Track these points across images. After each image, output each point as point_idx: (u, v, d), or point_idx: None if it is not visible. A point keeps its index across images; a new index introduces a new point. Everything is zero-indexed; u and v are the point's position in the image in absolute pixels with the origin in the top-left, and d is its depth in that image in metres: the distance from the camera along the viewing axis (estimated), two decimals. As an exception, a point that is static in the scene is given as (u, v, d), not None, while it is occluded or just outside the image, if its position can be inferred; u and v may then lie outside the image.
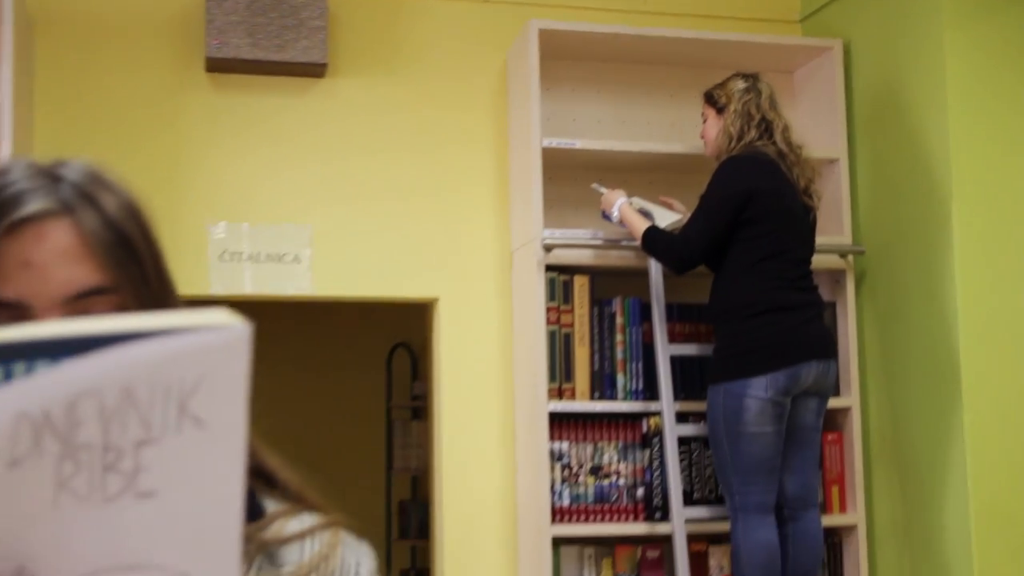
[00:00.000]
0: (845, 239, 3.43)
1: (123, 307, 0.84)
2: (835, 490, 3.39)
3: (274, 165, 3.36)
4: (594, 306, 3.30)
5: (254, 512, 0.92)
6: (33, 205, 0.82)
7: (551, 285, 3.25)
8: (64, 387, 0.53)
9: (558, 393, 3.23)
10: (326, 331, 5.41)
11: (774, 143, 3.02)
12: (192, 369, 0.55)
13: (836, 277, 3.46)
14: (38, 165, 0.87)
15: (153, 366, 0.55)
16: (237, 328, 0.57)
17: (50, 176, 0.85)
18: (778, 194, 2.98)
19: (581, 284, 3.29)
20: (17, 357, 0.54)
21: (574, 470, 3.24)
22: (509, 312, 3.47)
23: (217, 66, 3.30)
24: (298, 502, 0.97)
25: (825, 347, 2.99)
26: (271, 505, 0.95)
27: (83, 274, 0.82)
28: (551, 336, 3.23)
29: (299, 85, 3.40)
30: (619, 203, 3.20)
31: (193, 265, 3.23)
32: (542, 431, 3.16)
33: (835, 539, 3.39)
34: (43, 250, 0.82)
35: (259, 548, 0.91)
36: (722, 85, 3.11)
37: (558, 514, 3.20)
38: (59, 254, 0.82)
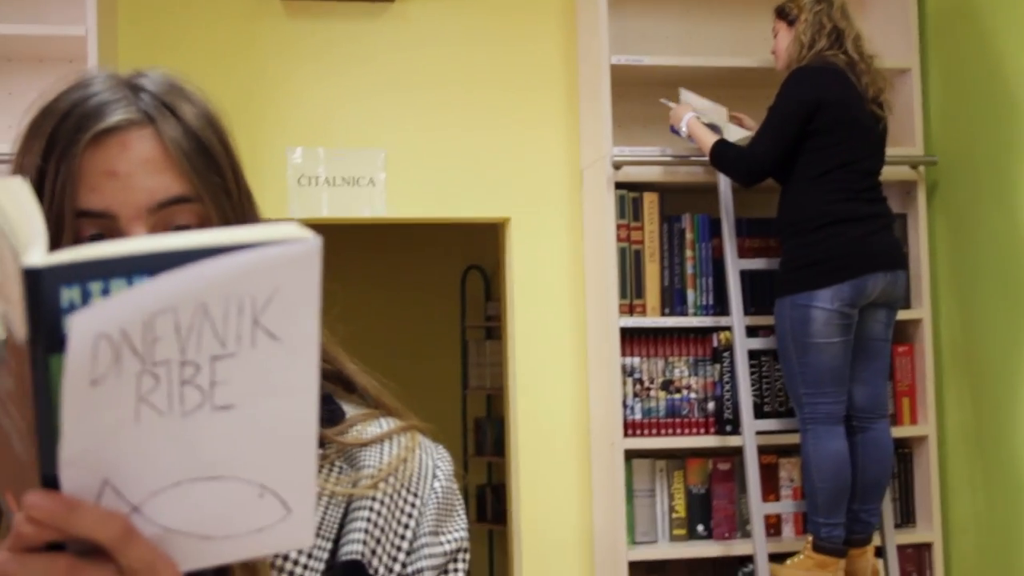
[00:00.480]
0: (916, 150, 3.40)
1: (205, 216, 0.85)
2: (905, 402, 3.41)
3: (348, 90, 3.42)
4: (663, 223, 3.33)
5: (334, 416, 0.96)
6: (116, 116, 0.83)
7: (621, 202, 3.28)
8: (140, 306, 0.54)
9: (629, 309, 3.28)
10: (402, 255, 5.52)
11: (845, 52, 2.99)
12: (264, 283, 0.56)
13: (907, 189, 3.44)
14: (118, 76, 0.88)
15: (226, 281, 0.55)
16: (308, 241, 0.57)
17: (130, 87, 0.87)
18: (846, 104, 2.96)
19: (651, 201, 3.31)
20: (93, 277, 0.55)
21: (646, 385, 3.31)
22: (579, 230, 3.52)
23: (292, -8, 3.37)
24: (377, 407, 1.00)
25: (892, 258, 2.98)
26: (350, 410, 0.98)
27: (166, 183, 0.83)
28: (621, 253, 3.28)
29: (371, 10, 3.44)
30: (687, 117, 3.21)
31: (272, 190, 3.33)
32: (614, 347, 3.22)
33: (905, 450, 3.42)
34: (127, 160, 0.83)
35: (339, 451, 0.94)
36: None
37: (630, 428, 3.28)
38: (142, 163, 0.83)
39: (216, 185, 0.86)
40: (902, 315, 3.16)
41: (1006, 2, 3.11)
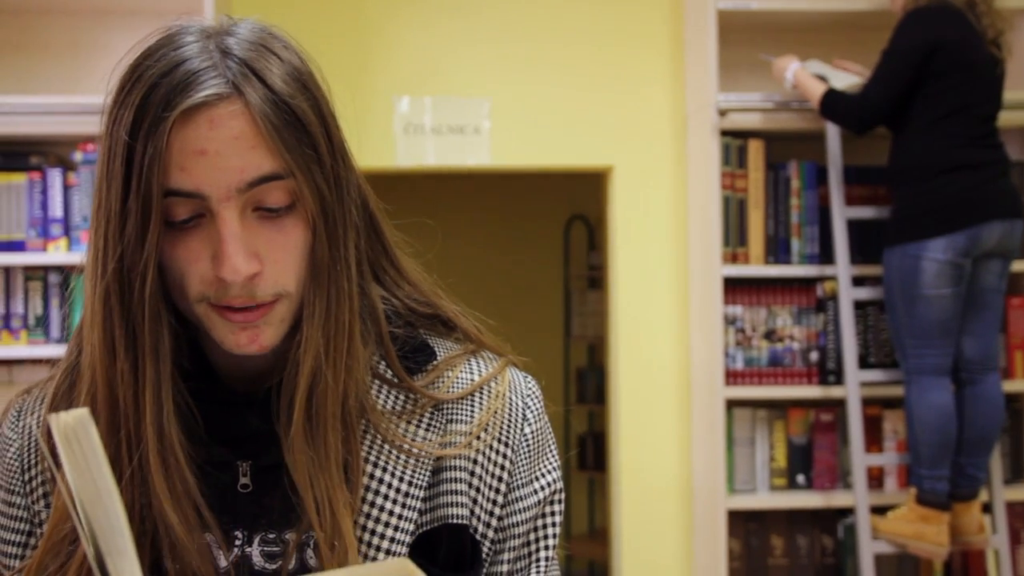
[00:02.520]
0: (1037, 95, 3.28)
1: (297, 192, 0.85)
2: (1019, 355, 3.32)
3: (454, 39, 3.45)
4: (769, 170, 3.29)
5: (422, 363, 0.97)
6: (204, 90, 0.81)
7: (726, 150, 3.25)
8: None
9: (732, 258, 3.26)
10: (506, 205, 5.55)
11: (965, -9, 2.89)
12: None
13: (1027, 136, 3.33)
14: (208, 31, 0.86)
15: None
16: None
17: (220, 50, 0.84)
18: (964, 45, 2.86)
19: (756, 148, 3.27)
20: None
21: (748, 334, 3.29)
22: (683, 178, 3.50)
23: (398, -58, 3.41)
24: (473, 343, 1.02)
25: (1010, 206, 2.89)
26: (444, 349, 1.00)
27: (256, 161, 0.82)
28: (725, 201, 3.25)
29: (475, -41, 3.46)
30: (793, 68, 3.15)
31: (379, 138, 3.39)
32: (716, 295, 3.21)
33: (1018, 405, 3.34)
34: (217, 137, 0.81)
35: (429, 402, 0.95)
36: None
37: (731, 377, 3.27)
38: (232, 141, 0.81)
39: (308, 158, 0.84)
40: (1017, 266, 3.07)
41: None
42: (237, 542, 0.90)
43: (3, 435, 0.99)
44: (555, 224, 5.57)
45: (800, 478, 3.32)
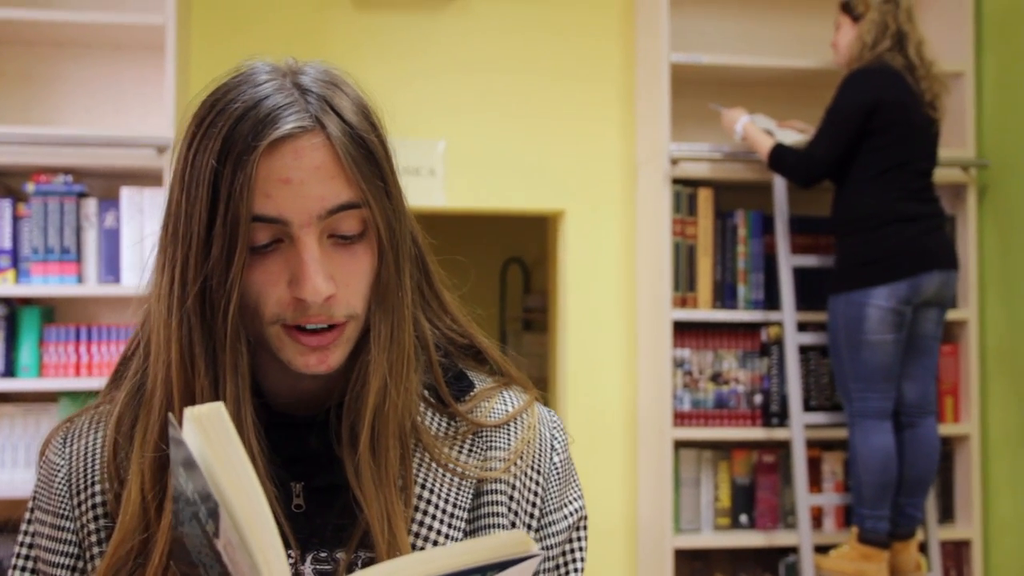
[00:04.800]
0: (968, 153, 3.45)
1: (369, 220, 0.90)
2: (949, 401, 3.47)
3: (411, 82, 3.49)
4: (717, 218, 3.40)
5: (464, 391, 1.03)
6: (289, 123, 0.86)
7: (676, 197, 3.35)
8: None
9: (681, 302, 3.36)
10: (445, 245, 5.59)
11: (905, 56, 3.04)
12: None
13: (957, 191, 3.49)
14: (281, 70, 0.92)
15: None
16: (536, 553, 0.75)
17: (297, 87, 0.90)
18: (904, 105, 3.02)
19: (705, 196, 3.38)
20: None
21: (695, 376, 3.38)
22: (633, 224, 3.59)
23: (358, -14, 3.45)
24: (503, 377, 1.07)
25: (948, 257, 3.04)
26: (478, 381, 1.05)
27: (336, 190, 0.88)
28: (676, 247, 3.35)
29: (436, 3, 3.52)
30: (742, 121, 3.27)
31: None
32: (666, 339, 3.29)
33: (948, 448, 3.47)
34: (300, 167, 0.86)
35: (469, 428, 1.00)
36: None
37: (679, 418, 3.35)
38: (314, 171, 0.87)
39: (379, 189, 0.90)
40: (948, 315, 3.21)
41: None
42: (290, 561, 0.92)
43: (49, 462, 1.00)
44: (492, 265, 5.63)
45: (743, 518, 3.40)
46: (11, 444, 3.09)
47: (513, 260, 5.58)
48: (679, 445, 3.37)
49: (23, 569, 0.99)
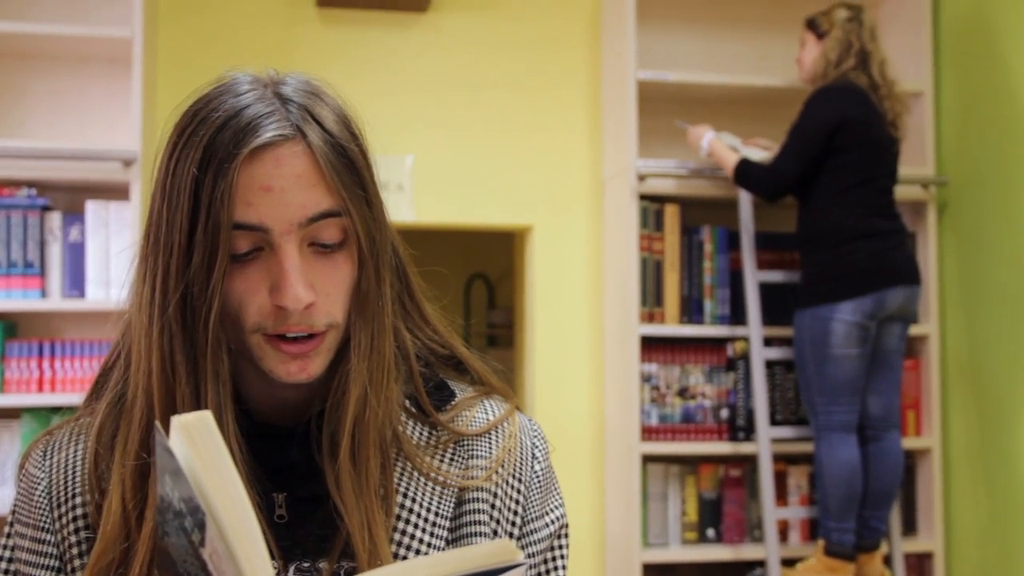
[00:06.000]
0: (928, 170, 3.51)
1: (349, 229, 0.91)
2: (911, 415, 3.52)
3: (379, 97, 3.50)
4: (684, 234, 3.43)
5: (444, 401, 1.03)
6: (270, 131, 0.87)
7: (643, 213, 3.38)
8: None
9: (648, 317, 3.38)
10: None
11: (868, 75, 3.10)
12: None
13: (917, 208, 3.55)
14: (262, 80, 0.93)
15: None
16: (522, 562, 0.74)
17: (278, 97, 0.91)
18: (867, 123, 3.07)
19: (672, 212, 3.41)
20: None
21: (662, 391, 3.40)
22: (600, 239, 3.61)
23: (327, 0, 3.45)
24: (483, 386, 1.08)
25: (912, 273, 3.09)
26: (459, 391, 1.05)
27: (316, 198, 0.88)
28: (643, 262, 3.37)
29: (403, 20, 3.53)
30: (708, 137, 3.31)
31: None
32: (634, 354, 3.31)
33: (910, 461, 3.51)
34: (281, 175, 0.87)
35: (451, 437, 1.01)
36: (826, 13, 3.19)
37: (646, 433, 3.36)
38: (295, 179, 0.87)
39: (360, 198, 0.91)
40: (910, 331, 3.26)
41: (1020, 27, 3.23)
42: (274, 571, 0.93)
43: (29, 475, 0.99)
44: (455, 281, 5.63)
45: (710, 532, 3.42)
46: (-28, 462, 3.03)
47: (477, 276, 5.58)
48: (647, 460, 3.38)
49: None
